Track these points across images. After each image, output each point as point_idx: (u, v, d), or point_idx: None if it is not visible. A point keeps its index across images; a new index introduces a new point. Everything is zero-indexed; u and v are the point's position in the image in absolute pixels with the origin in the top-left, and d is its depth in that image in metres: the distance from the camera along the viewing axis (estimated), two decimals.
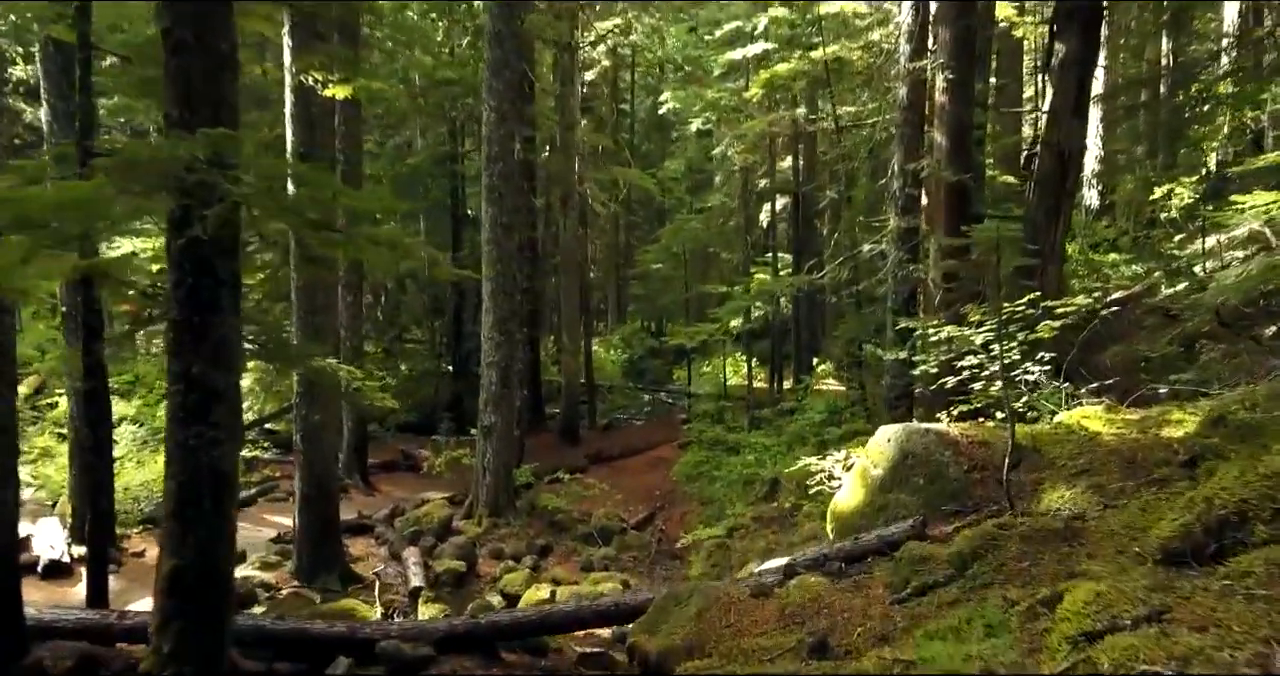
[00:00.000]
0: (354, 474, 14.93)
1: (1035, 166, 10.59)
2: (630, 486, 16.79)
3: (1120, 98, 22.81)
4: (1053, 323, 6.56)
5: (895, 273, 11.10)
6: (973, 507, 6.19)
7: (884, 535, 6.01)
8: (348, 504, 14.29)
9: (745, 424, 18.47)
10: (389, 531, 12.43)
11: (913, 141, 11.17)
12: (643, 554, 12.86)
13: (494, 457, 12.88)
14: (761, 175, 24.50)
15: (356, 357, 14.98)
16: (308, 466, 9.77)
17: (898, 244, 11.14)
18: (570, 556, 12.63)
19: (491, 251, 12.64)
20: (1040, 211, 10.40)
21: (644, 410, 27.83)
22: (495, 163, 12.55)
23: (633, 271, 30.31)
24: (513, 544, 12.56)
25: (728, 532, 12.05)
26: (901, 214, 11.14)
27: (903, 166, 11.05)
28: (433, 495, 14.96)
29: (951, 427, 6.82)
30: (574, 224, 19.73)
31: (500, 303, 12.68)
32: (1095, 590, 3.32)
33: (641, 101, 37.04)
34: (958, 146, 10.44)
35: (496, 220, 12.59)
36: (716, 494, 14.79)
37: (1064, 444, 6.39)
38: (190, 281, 4.77)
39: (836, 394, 18.55)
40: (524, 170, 19.33)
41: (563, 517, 13.74)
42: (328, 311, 9.78)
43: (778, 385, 24.20)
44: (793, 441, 15.16)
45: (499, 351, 12.77)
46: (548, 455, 18.73)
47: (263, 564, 10.14)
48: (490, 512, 12.94)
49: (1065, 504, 5.47)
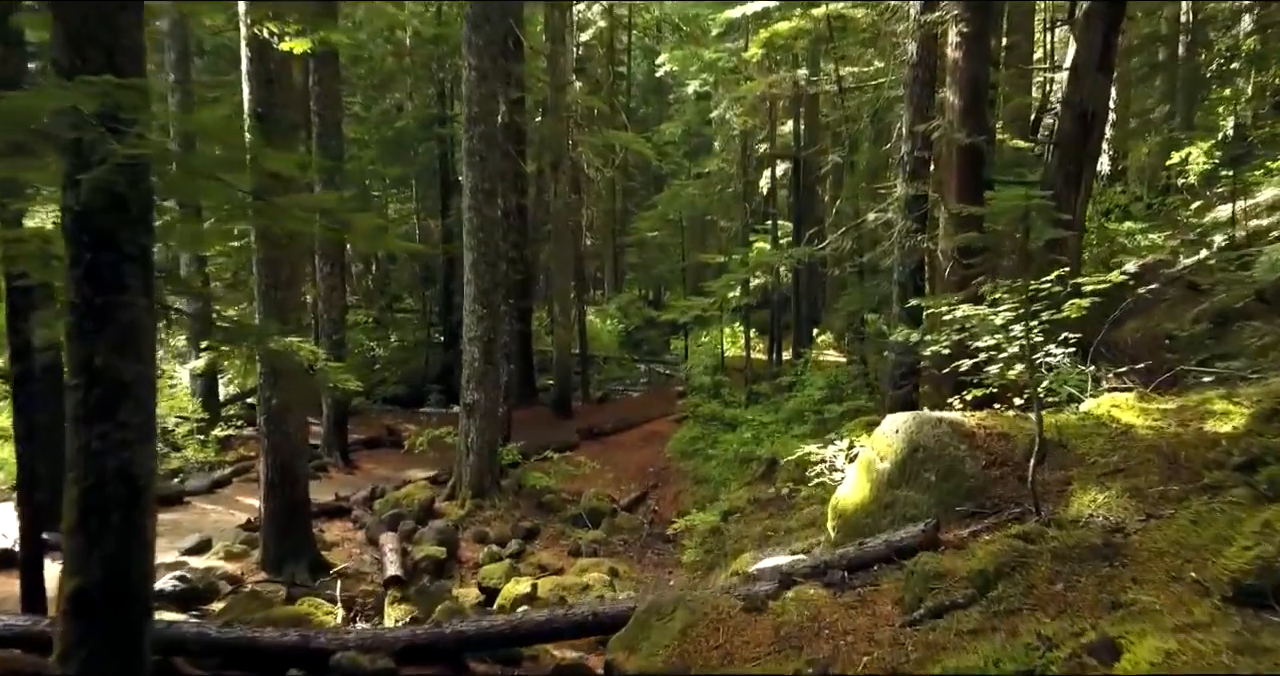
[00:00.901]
0: (333, 451, 14.32)
1: (1053, 128, 9.86)
2: (623, 463, 16.21)
3: (1135, 57, 21.91)
4: (1081, 301, 5.87)
5: (902, 243, 10.37)
6: (992, 509, 5.54)
7: (892, 540, 5.38)
8: (326, 483, 13.72)
9: (742, 398, 17.86)
10: (367, 514, 11.84)
11: (922, 101, 10.39)
12: (634, 537, 12.28)
13: (477, 436, 12.26)
14: (761, 140, 23.65)
15: (336, 331, 14.33)
16: (273, 450, 9.13)
17: (905, 212, 10.40)
18: (557, 540, 12.05)
19: (473, 219, 11.91)
20: (1059, 176, 9.69)
21: (640, 381, 27.22)
22: (476, 124, 11.77)
23: (628, 239, 29.48)
24: (497, 527, 11.98)
25: (722, 516, 11.46)
26: (909, 179, 10.38)
27: (912, 128, 10.28)
28: (416, 474, 14.37)
29: (967, 417, 6.16)
30: (565, 190, 18.93)
31: (482, 273, 11.97)
32: (1162, 648, 2.68)
33: (639, 64, 36.03)
34: (972, 106, 9.68)
35: (478, 186, 11.84)
36: (712, 472, 14.21)
37: (1093, 437, 5.73)
38: (89, 257, 4.08)
39: (837, 367, 17.91)
40: (513, 134, 18.55)
41: (551, 498, 13.16)
42: (292, 286, 9.09)
43: (776, 356, 23.57)
44: (791, 418, 14.54)
45: (481, 325, 12.09)
46: (539, 430, 18.13)
47: (228, 553, 9.54)
48: (474, 494, 12.34)
49: (1099, 510, 4.82)
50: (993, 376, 6.31)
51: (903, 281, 10.57)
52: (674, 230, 27.74)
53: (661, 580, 10.70)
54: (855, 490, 6.44)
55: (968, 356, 6.44)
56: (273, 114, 8.73)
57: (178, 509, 11.72)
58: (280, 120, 8.85)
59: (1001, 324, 5.97)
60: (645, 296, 34.29)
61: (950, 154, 9.81)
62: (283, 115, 8.99)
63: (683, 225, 27.15)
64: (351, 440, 15.77)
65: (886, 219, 10.59)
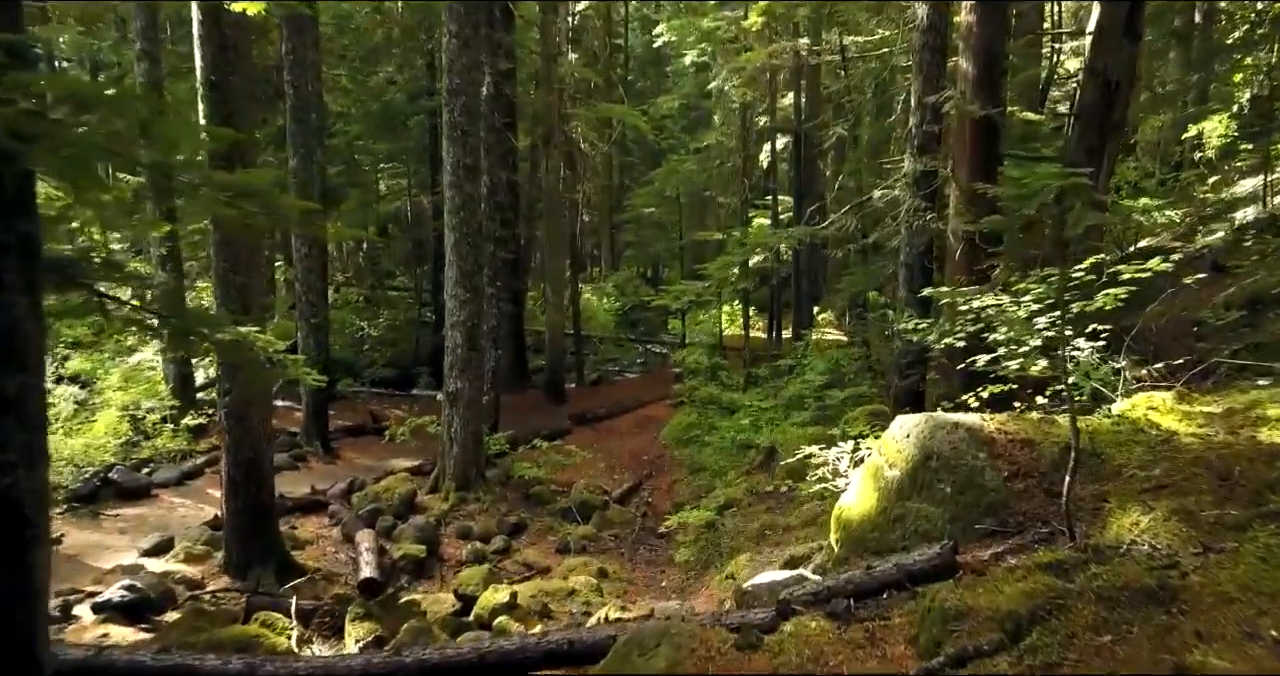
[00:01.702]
0: (313, 440, 13.71)
1: (1073, 98, 9.16)
2: (616, 450, 15.63)
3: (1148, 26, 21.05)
4: (1116, 290, 5.22)
5: (909, 222, 9.70)
6: (1016, 527, 4.92)
7: (904, 563, 4.76)
8: (305, 474, 13.13)
9: (741, 381, 17.24)
10: (344, 509, 11.26)
11: (933, 70, 9.67)
12: (626, 532, 11.71)
13: (461, 427, 11.65)
14: (761, 113, 22.88)
15: (316, 314, 13.67)
16: (235, 447, 8.52)
17: (913, 189, 9.72)
18: (545, 535, 11.48)
19: (454, 197, 11.22)
20: (1080, 150, 8.99)
21: (637, 362, 26.58)
22: (457, 96, 11.05)
23: (624, 217, 28.72)
24: (482, 521, 11.41)
25: (718, 511, 10.88)
26: (918, 154, 9.69)
27: (921, 99, 9.57)
28: (400, 464, 13.80)
29: (985, 421, 5.52)
30: (557, 165, 18.19)
31: (465, 255, 11.30)
32: None
33: (637, 35, 35.19)
34: (987, 76, 8.95)
35: (459, 161, 11.14)
36: (708, 461, 13.62)
37: (1129, 446, 5.10)
38: None
39: (838, 347, 17.28)
40: (504, 107, 17.78)
41: (540, 490, 12.58)
42: (253, 269, 8.42)
43: (776, 335, 22.95)
44: (791, 405, 13.92)
45: (465, 309, 11.44)
46: (530, 415, 17.54)
47: (188, 555, 8.94)
48: (458, 486, 11.76)
49: (1143, 536, 4.20)
50: (1012, 371, 5.68)
51: (910, 263, 9.92)
52: (671, 207, 27.01)
53: (653, 581, 10.13)
54: (861, 499, 5.82)
55: (983, 350, 5.81)
56: (228, 83, 8.03)
57: (144, 503, 11.14)
58: (237, 90, 8.14)
59: (1026, 316, 5.34)
60: (643, 274, 33.58)
61: (963, 127, 9.11)
62: (240, 84, 8.27)
63: (680, 202, 26.41)
64: (334, 427, 15.16)
65: (893, 196, 9.89)
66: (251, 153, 8.24)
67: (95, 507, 10.57)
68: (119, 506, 10.82)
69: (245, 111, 8.27)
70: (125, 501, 10.99)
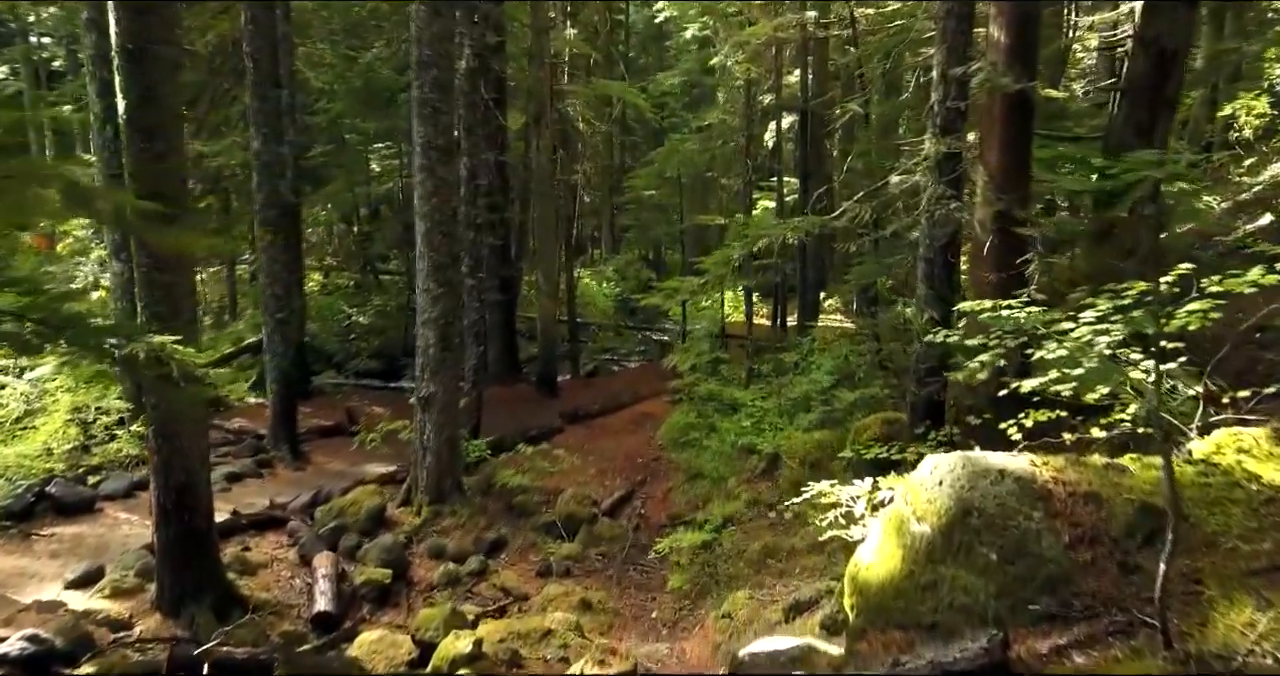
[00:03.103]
0: (280, 444, 12.69)
1: (1121, 70, 8.08)
2: (609, 452, 14.61)
3: None
4: (1202, 304, 4.16)
5: (931, 211, 8.59)
6: (1083, 611, 3.89)
7: (942, 662, 3.73)
8: (269, 484, 12.13)
9: (743, 375, 16.16)
10: (305, 526, 10.27)
11: (958, 39, 8.52)
12: (615, 548, 10.71)
13: (435, 434, 10.64)
14: (766, 90, 21.68)
15: (280, 308, 12.62)
16: (163, 469, 7.50)
17: (935, 173, 8.60)
18: (527, 553, 10.50)
19: (425, 182, 10.14)
20: (1129, 129, 7.89)
21: (637, 350, 25.52)
22: (426, 69, 9.95)
23: (622, 199, 27.55)
24: (457, 538, 10.44)
25: (716, 530, 9.88)
26: (941, 134, 8.56)
27: (946, 72, 8.45)
28: (375, 469, 12.78)
29: (1038, 468, 4.46)
30: (548, 145, 17.06)
31: (438, 245, 10.24)
32: None
33: (639, 10, 34.01)
34: (1021, 44, 7.85)
35: (430, 141, 10.05)
36: (707, 466, 12.58)
37: (1224, 506, 4.06)
38: None
39: (844, 337, 16.18)
40: (490, 82, 16.65)
41: (523, 500, 11.57)
42: (181, 267, 7.37)
43: (781, 323, 21.87)
44: (797, 407, 12.86)
45: (438, 306, 10.39)
46: (520, 411, 16.51)
47: (116, 590, 7.93)
48: (431, 500, 10.76)
49: (1264, 646, 3.16)
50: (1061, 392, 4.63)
51: (930, 257, 8.81)
52: (672, 189, 25.81)
53: (642, 611, 9.14)
54: (883, 558, 4.78)
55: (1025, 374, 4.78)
56: (149, 52, 6.95)
57: (86, 519, 10.13)
58: (160, 61, 7.05)
59: (1087, 340, 4.29)
60: (645, 257, 32.38)
61: (992, 103, 8.01)
62: (166, 54, 7.18)
63: (681, 183, 25.22)
64: (307, 428, 14.15)
65: (913, 182, 8.78)
66: (172, 134, 7.16)
67: (28, 526, 9.58)
68: (56, 524, 9.83)
69: (169, 85, 7.17)
70: (64, 518, 9.99)
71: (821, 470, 11.44)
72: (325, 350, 20.78)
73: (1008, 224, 7.93)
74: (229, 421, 14.27)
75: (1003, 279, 7.87)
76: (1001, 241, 7.99)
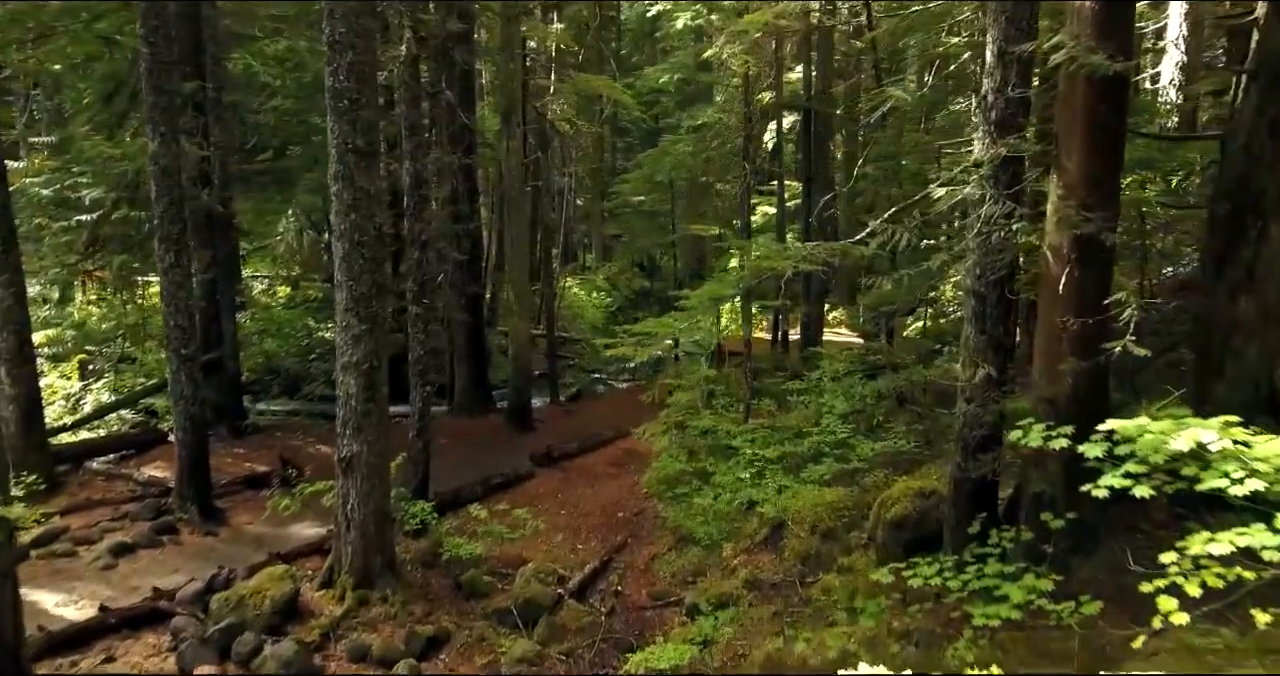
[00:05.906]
0: (188, 504, 10.58)
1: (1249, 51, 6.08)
2: (585, 505, 12.57)
3: None
4: None
5: (986, 232, 6.55)
6: None
7: None
8: (166, 556, 10.04)
9: (741, 409, 14.12)
10: (193, 623, 8.20)
11: (1021, 9, 6.52)
12: (583, 644, 8.67)
13: (359, 503, 8.60)
14: (766, 87, 19.71)
15: (187, 342, 10.51)
16: None
17: (989, 185, 6.57)
18: (471, 653, 8.46)
19: (342, 193, 8.08)
20: (1261, 122, 5.86)
21: (628, 366, 23.46)
22: (341, 52, 7.89)
23: (608, 206, 25.50)
24: (386, 634, 8.39)
25: (705, 638, 7.81)
26: (998, 132, 6.53)
27: (1004, 49, 6.42)
28: (304, 531, 10.75)
29: None
30: (519, 146, 15.01)
31: (358, 272, 8.17)
32: None
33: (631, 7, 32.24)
34: (1113, 15, 5.81)
35: (347, 142, 7.99)
36: (698, 528, 10.52)
37: None
38: None
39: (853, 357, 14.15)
40: (454, 76, 14.64)
41: (474, 576, 9.57)
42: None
43: (783, 341, 19.84)
44: (804, 458, 10.78)
45: (359, 347, 8.35)
46: (485, 452, 14.47)
47: None
48: (358, 582, 8.72)
49: None
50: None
51: (983, 292, 6.78)
52: (664, 195, 23.79)
53: None
54: None
55: None
56: None
57: None
58: None
59: None
60: (639, 264, 30.26)
61: (1073, 90, 5.96)
62: None
63: (673, 188, 23.19)
64: (231, 477, 12.09)
65: (963, 195, 6.72)
66: None
67: None
68: None
69: None
70: None
71: (835, 542, 9.45)
72: (283, 369, 18.73)
73: (1094, 251, 5.91)
74: (139, 469, 12.25)
75: (1085, 326, 5.85)
76: (1084, 275, 5.96)
